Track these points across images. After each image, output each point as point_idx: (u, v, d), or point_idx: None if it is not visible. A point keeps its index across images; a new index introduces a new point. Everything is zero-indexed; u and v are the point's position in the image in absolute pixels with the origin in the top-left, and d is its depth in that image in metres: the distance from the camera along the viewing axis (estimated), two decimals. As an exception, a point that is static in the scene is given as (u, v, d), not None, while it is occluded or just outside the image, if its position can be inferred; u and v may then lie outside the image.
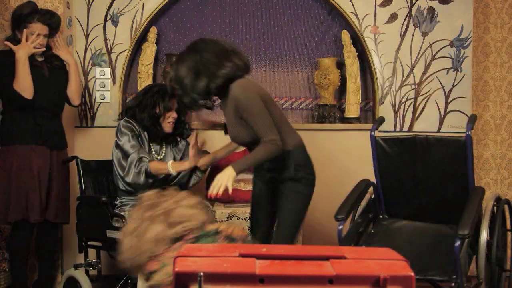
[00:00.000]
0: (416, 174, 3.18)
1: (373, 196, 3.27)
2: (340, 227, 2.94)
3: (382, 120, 3.43)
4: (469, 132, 2.94)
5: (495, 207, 3.04)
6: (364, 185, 3.22)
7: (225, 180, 2.52)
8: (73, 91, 3.49)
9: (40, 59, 3.36)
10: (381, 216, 3.30)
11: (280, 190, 2.76)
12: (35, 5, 3.36)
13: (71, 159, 3.51)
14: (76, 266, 3.32)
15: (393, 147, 3.22)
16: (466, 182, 3.04)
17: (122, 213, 3.14)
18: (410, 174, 3.19)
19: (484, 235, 2.80)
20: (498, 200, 3.11)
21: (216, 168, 3.32)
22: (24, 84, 3.18)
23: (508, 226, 3.25)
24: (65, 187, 3.49)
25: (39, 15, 3.29)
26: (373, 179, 3.33)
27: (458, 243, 2.57)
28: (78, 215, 3.36)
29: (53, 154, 3.37)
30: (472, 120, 3.01)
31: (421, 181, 3.17)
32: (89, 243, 3.35)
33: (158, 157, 3.32)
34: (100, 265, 3.33)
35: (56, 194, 3.36)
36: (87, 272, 3.33)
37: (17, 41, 3.24)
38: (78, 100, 3.56)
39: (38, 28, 3.27)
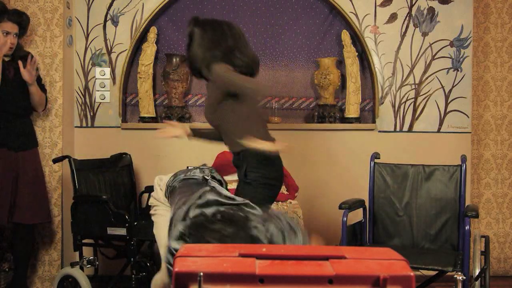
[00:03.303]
0: (409, 202, 3.31)
1: (362, 219, 3.30)
2: (345, 218, 2.96)
3: (378, 154, 3.46)
4: (464, 165, 3.20)
5: None
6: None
7: None
8: (36, 105, 3.47)
9: (7, 59, 3.31)
10: (368, 242, 3.34)
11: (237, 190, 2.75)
12: (3, 4, 3.35)
13: (62, 158, 3.51)
14: (73, 264, 3.32)
15: (391, 174, 3.36)
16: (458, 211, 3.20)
17: (122, 212, 3.18)
18: (404, 202, 3.33)
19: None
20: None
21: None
22: None
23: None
24: (39, 187, 3.45)
25: (9, 15, 3.28)
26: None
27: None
28: (73, 214, 3.35)
29: (19, 155, 3.32)
30: (465, 159, 3.24)
31: (414, 210, 3.30)
32: (84, 241, 3.37)
33: None
34: (97, 262, 3.35)
35: (25, 195, 3.32)
36: (82, 270, 3.34)
37: None
38: (42, 108, 3.54)
39: (8, 27, 3.26)
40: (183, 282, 1.14)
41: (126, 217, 3.12)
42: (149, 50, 4.02)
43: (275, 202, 3.45)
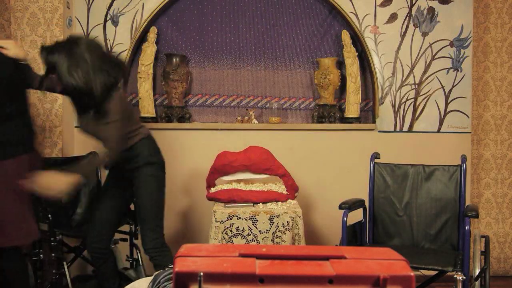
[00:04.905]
0: (409, 202, 3.32)
1: (362, 219, 3.31)
2: (345, 218, 2.96)
3: (378, 154, 3.48)
4: (464, 165, 3.21)
5: None
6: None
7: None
8: None
9: None
10: (368, 243, 3.35)
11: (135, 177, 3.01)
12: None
13: None
14: None
15: (391, 174, 3.37)
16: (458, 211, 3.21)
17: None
18: (404, 202, 3.33)
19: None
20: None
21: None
22: None
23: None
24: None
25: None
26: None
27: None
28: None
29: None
30: (465, 159, 3.26)
31: (414, 210, 3.31)
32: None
33: None
34: (41, 256, 3.40)
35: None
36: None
37: None
38: None
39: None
40: (183, 282, 1.14)
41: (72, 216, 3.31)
42: (149, 50, 4.02)
43: (275, 202, 3.45)
